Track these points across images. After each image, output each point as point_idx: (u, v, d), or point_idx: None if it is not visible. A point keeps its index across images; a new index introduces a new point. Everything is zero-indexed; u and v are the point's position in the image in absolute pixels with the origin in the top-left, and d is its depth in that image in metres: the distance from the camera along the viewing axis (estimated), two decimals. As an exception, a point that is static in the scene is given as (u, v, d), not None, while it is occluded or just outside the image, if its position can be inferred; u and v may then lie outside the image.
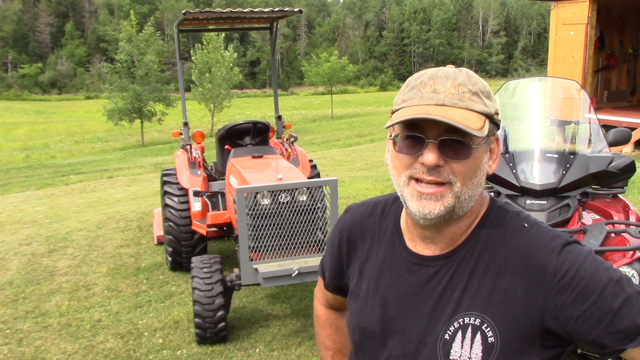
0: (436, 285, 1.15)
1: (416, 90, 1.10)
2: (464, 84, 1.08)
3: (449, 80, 1.08)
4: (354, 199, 8.06)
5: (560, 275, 1.05)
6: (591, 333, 1.04)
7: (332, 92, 38.95)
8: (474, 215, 1.16)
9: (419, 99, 1.08)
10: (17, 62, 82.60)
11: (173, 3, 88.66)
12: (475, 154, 1.08)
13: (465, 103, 1.06)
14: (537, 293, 1.06)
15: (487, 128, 1.07)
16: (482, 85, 1.11)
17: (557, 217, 3.14)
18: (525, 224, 1.14)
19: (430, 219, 1.09)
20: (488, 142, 1.12)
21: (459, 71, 1.12)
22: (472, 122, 1.04)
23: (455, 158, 1.06)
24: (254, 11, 5.53)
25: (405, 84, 1.15)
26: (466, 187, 1.08)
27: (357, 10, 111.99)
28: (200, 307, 3.90)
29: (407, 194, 1.10)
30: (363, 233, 1.30)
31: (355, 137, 21.39)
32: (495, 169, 1.16)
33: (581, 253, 1.08)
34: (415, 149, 1.08)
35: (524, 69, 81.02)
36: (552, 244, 1.09)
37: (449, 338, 1.11)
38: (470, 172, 1.08)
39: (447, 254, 1.16)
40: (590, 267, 1.05)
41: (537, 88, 3.80)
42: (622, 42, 13.15)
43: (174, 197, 5.27)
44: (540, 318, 1.07)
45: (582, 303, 1.03)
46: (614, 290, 1.03)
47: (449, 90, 1.07)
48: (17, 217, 8.51)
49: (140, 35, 27.34)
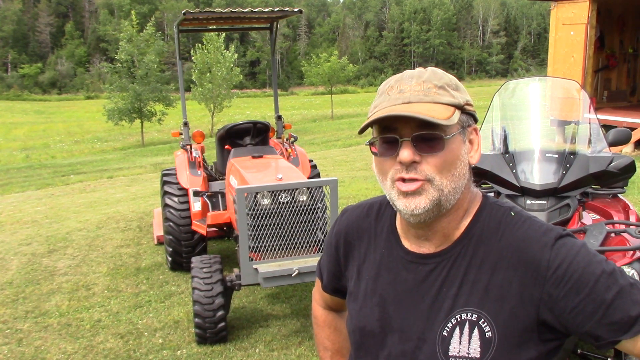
0: (433, 283, 1.16)
1: (385, 95, 1.14)
2: (429, 80, 1.12)
3: (414, 79, 1.13)
4: (354, 199, 8.06)
5: (554, 268, 1.07)
6: (585, 325, 1.05)
7: (332, 92, 38.89)
8: (463, 210, 1.18)
9: (387, 102, 1.12)
10: (17, 62, 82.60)
11: (173, 3, 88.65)
12: (450, 145, 1.10)
13: (431, 97, 1.10)
14: (532, 287, 1.08)
15: (456, 117, 1.11)
16: (448, 79, 1.14)
17: (557, 217, 3.14)
18: (517, 218, 1.16)
19: (418, 214, 1.11)
20: (464, 133, 1.15)
21: (424, 70, 1.16)
22: (437, 113, 1.08)
23: (430, 152, 1.09)
24: (254, 11, 5.53)
25: (377, 91, 1.19)
26: (446, 179, 1.10)
27: (357, 10, 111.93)
28: (200, 307, 3.90)
29: (394, 194, 1.13)
30: (360, 234, 1.32)
31: (355, 137, 21.33)
32: (478, 159, 1.18)
33: (574, 246, 1.09)
34: (392, 150, 1.11)
35: (524, 69, 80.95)
36: (544, 237, 1.11)
37: (447, 334, 1.13)
38: (448, 164, 1.10)
39: (443, 251, 1.18)
40: (583, 259, 1.07)
41: (537, 88, 3.79)
42: (622, 42, 13.15)
43: (174, 197, 5.27)
44: (536, 311, 1.08)
45: (576, 295, 1.05)
46: (607, 282, 1.05)
47: (414, 88, 1.11)
48: (17, 217, 8.51)
49: (140, 35, 27.33)
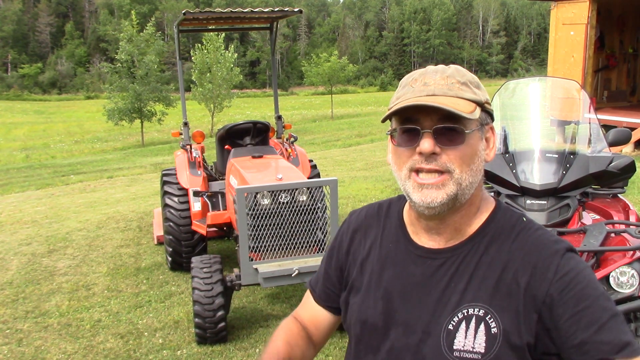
0: (442, 277, 1.17)
1: (408, 87, 1.16)
2: (452, 76, 1.14)
3: (438, 73, 1.15)
4: (354, 199, 8.06)
5: (561, 274, 1.09)
6: (577, 337, 1.06)
7: (332, 92, 38.88)
8: (476, 207, 1.20)
9: (411, 94, 1.14)
10: (17, 62, 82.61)
11: (173, 3, 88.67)
12: (470, 140, 1.12)
13: (454, 92, 1.12)
14: (537, 289, 1.10)
15: (478, 113, 1.13)
16: (470, 77, 1.17)
17: (557, 217, 3.14)
18: (531, 224, 1.19)
19: (434, 207, 1.12)
20: (482, 130, 1.17)
21: (448, 66, 1.18)
22: (461, 107, 1.10)
23: (451, 145, 1.11)
24: (254, 11, 5.53)
25: (400, 83, 1.21)
26: (465, 174, 1.12)
27: (357, 10, 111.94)
28: (200, 307, 3.90)
29: (409, 186, 1.14)
30: (367, 230, 1.33)
31: (355, 137, 21.38)
32: (492, 157, 1.20)
33: (581, 262, 1.13)
34: (413, 140, 1.12)
35: (524, 69, 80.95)
36: (556, 246, 1.14)
37: (453, 328, 1.13)
38: (467, 158, 1.12)
39: (453, 247, 1.19)
40: (587, 277, 1.10)
41: (537, 88, 3.80)
42: (622, 42, 13.14)
43: (174, 197, 5.27)
44: (538, 314, 1.09)
45: (575, 305, 1.07)
46: (605, 303, 1.08)
47: (439, 82, 1.13)
48: (17, 217, 8.51)
49: (140, 35, 27.31)
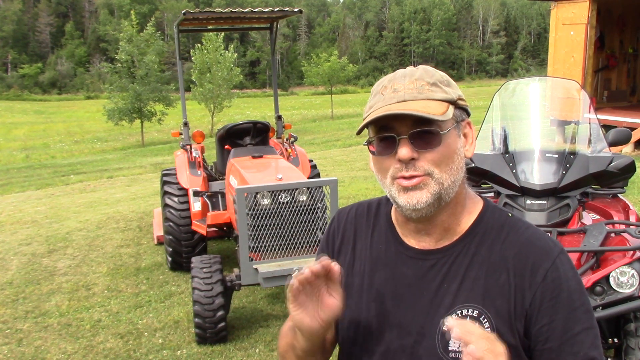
0: (433, 278, 1.17)
1: (379, 95, 1.16)
2: (421, 78, 1.14)
3: (407, 77, 1.15)
4: (354, 199, 8.06)
5: (550, 279, 1.11)
6: (548, 343, 1.09)
7: (332, 92, 38.86)
8: (461, 205, 1.20)
9: (382, 102, 1.14)
10: (17, 62, 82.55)
11: (173, 3, 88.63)
12: (447, 140, 1.13)
13: (425, 94, 1.12)
14: (526, 290, 1.11)
15: (450, 112, 1.13)
16: (439, 76, 1.17)
17: (557, 217, 3.14)
18: (520, 223, 1.20)
19: (420, 209, 1.12)
20: (459, 127, 1.17)
21: (416, 68, 1.18)
22: (432, 109, 1.10)
23: (428, 148, 1.11)
24: (254, 11, 5.53)
25: (371, 91, 1.21)
26: (445, 174, 1.13)
27: (357, 10, 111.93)
28: (200, 307, 3.90)
29: (394, 191, 1.14)
30: (356, 230, 1.32)
31: (355, 137, 21.30)
32: (473, 152, 1.21)
33: (571, 268, 1.14)
34: (390, 148, 1.13)
35: (524, 69, 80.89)
36: (547, 247, 1.14)
37: (448, 330, 1.12)
38: (446, 158, 1.13)
39: (444, 248, 1.19)
40: (574, 284, 1.12)
41: (537, 88, 3.80)
42: (622, 42, 13.15)
43: (174, 197, 5.27)
44: (526, 314, 1.11)
45: (555, 313, 1.09)
46: (582, 315, 1.10)
47: (408, 87, 1.13)
48: (17, 217, 8.51)
49: (140, 36, 27.30)
